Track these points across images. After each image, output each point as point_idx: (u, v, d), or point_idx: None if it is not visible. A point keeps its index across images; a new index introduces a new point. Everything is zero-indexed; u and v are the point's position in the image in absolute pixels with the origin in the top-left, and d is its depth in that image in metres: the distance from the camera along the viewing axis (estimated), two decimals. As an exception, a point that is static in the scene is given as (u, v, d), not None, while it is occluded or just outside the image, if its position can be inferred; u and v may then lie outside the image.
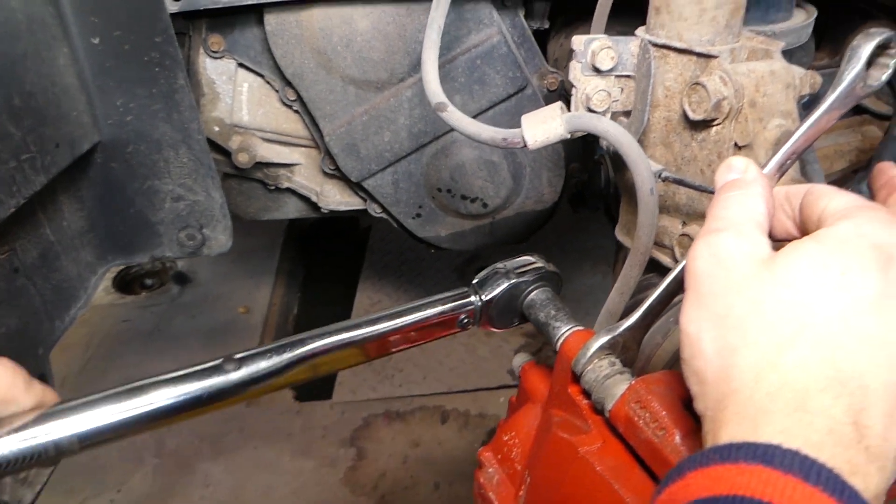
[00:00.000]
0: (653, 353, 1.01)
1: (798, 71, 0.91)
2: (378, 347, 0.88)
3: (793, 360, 0.47)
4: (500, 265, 0.92)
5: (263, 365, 0.82)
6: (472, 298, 0.90)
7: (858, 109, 1.73)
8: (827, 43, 1.68)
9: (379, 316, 0.88)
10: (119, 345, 2.76)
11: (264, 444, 2.26)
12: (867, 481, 0.43)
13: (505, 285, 0.89)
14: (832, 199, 0.56)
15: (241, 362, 0.81)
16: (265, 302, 2.87)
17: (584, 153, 1.53)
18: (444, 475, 2.11)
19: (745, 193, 0.58)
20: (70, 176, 1.25)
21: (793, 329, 0.48)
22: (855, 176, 1.61)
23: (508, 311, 0.91)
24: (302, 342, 0.84)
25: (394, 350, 0.90)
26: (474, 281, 0.92)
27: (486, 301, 0.89)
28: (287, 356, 0.83)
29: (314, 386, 2.54)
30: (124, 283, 3.15)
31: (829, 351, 0.47)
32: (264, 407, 2.43)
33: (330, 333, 0.86)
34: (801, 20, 1.21)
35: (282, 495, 2.08)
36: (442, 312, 0.89)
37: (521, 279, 0.90)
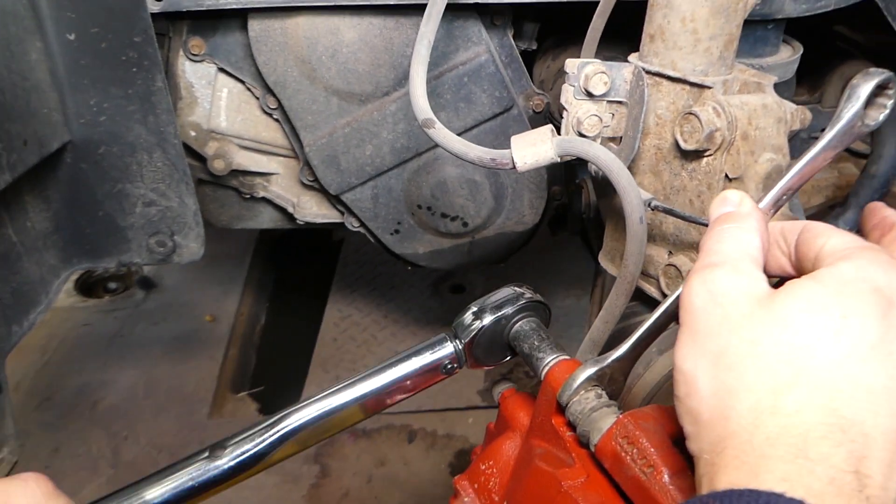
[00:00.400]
0: (633, 383, 0.99)
1: (790, 106, 0.91)
2: (363, 410, 0.90)
3: (792, 405, 0.46)
4: (476, 304, 0.91)
5: (250, 447, 0.84)
6: (450, 345, 0.90)
7: (836, 146, 1.74)
8: (805, 80, 1.69)
9: (357, 378, 0.90)
10: (78, 349, 2.68)
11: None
12: None
13: (481, 326, 0.88)
14: (830, 238, 0.55)
15: (230, 448, 0.84)
16: (232, 311, 2.81)
17: (566, 176, 1.52)
18: (409, 496, 2.07)
19: (739, 227, 0.57)
20: (37, 175, 1.20)
21: (791, 372, 0.47)
22: (832, 212, 1.62)
23: (494, 348, 0.89)
24: (283, 418, 0.87)
25: (379, 410, 0.92)
26: (454, 323, 0.91)
27: (467, 343, 0.89)
28: (272, 436, 0.85)
29: (278, 399, 2.48)
30: (87, 286, 3.07)
31: (828, 396, 0.46)
32: (226, 419, 2.37)
33: (311, 404, 0.88)
34: (788, 55, 1.21)
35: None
36: (422, 366, 0.89)
37: (499, 315, 0.88)
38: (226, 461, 0.83)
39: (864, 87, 0.62)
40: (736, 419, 0.47)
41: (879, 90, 0.63)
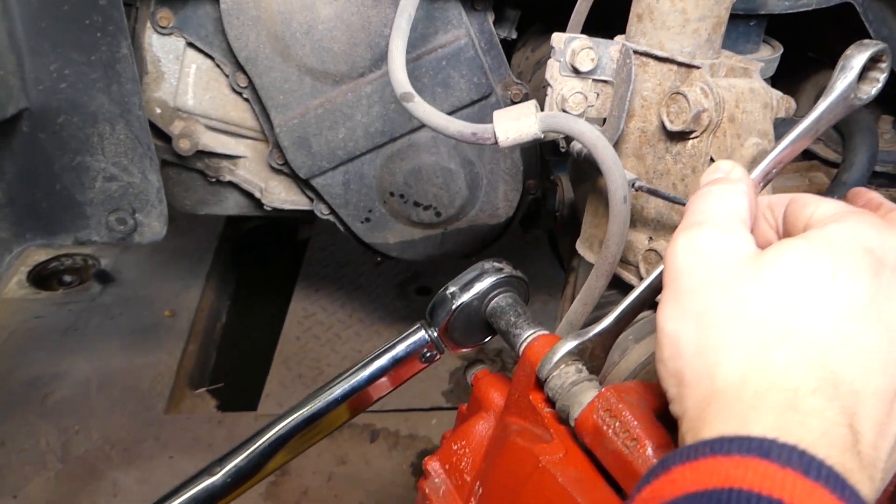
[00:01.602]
0: (608, 371, 0.97)
1: (776, 93, 0.90)
2: (347, 410, 0.91)
3: (781, 361, 0.45)
4: (446, 288, 0.89)
5: (243, 461, 0.88)
6: (424, 333, 0.89)
7: (807, 155, 1.75)
8: (780, 86, 1.70)
9: (336, 380, 0.91)
10: (29, 341, 2.58)
11: (182, 455, 2.12)
12: (860, 488, 0.41)
13: (452, 308, 0.86)
14: (819, 206, 0.54)
15: (223, 463, 0.88)
16: (193, 306, 2.73)
17: (540, 171, 1.50)
18: (369, 495, 2.02)
19: (727, 189, 0.55)
20: (-9, 142, 1.15)
21: (781, 329, 0.46)
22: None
23: (472, 328, 0.87)
24: (271, 427, 0.91)
25: (363, 408, 0.93)
26: (427, 308, 0.91)
27: (440, 329, 0.87)
28: (263, 446, 0.89)
29: (238, 396, 2.42)
30: (40, 278, 2.96)
31: (819, 353, 0.44)
32: (184, 415, 2.30)
33: (295, 409, 0.91)
34: (769, 54, 1.21)
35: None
36: (398, 357, 0.89)
37: (470, 295, 0.85)
38: (221, 477, 0.87)
39: (858, 57, 0.61)
40: (723, 377, 0.46)
41: (872, 63, 0.62)
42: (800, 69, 1.68)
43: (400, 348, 0.89)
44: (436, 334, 0.87)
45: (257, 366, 2.53)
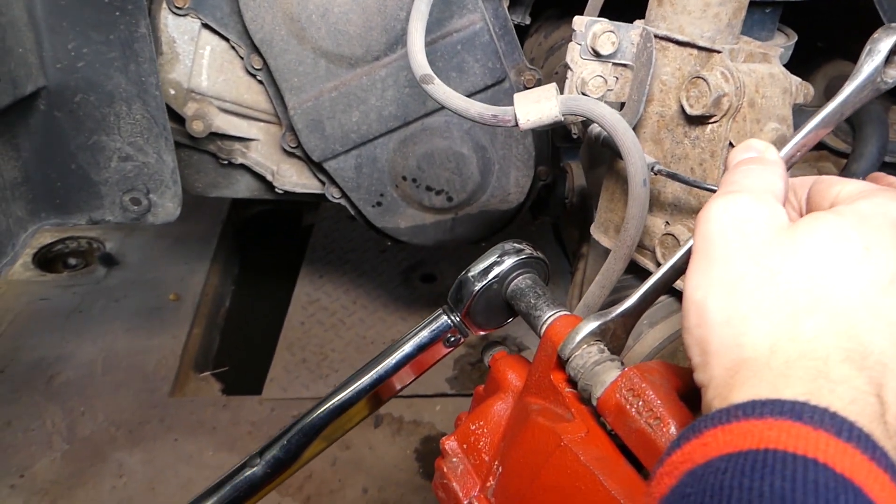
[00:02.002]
0: (622, 355, 0.97)
1: (795, 79, 0.90)
2: (376, 398, 0.93)
3: (811, 330, 0.45)
4: (468, 271, 0.89)
5: (280, 452, 0.92)
6: (446, 318, 0.90)
7: (817, 145, 1.76)
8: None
9: (363, 368, 0.92)
10: (35, 323, 2.59)
11: (186, 437, 2.13)
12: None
13: (472, 292, 0.86)
14: (846, 186, 0.54)
15: (263, 455, 0.92)
16: (197, 290, 2.74)
17: (552, 157, 1.50)
18: (372, 480, 2.03)
19: (764, 168, 0.56)
20: (7, 120, 1.15)
21: (811, 299, 0.46)
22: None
23: (493, 310, 0.87)
24: (306, 417, 0.93)
25: (391, 395, 0.97)
26: (449, 293, 0.91)
27: (462, 313, 0.88)
28: (299, 436, 0.92)
29: (242, 380, 2.43)
30: (46, 261, 2.96)
31: (848, 323, 0.45)
32: (188, 398, 2.31)
33: (326, 400, 0.93)
34: (783, 42, 1.21)
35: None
36: (423, 344, 0.90)
37: (490, 279, 0.86)
38: (261, 468, 0.91)
39: (886, 41, 0.61)
40: (751, 346, 0.46)
41: None
42: (810, 59, 1.68)
43: (424, 334, 0.90)
44: (458, 318, 0.88)
45: (261, 350, 2.54)
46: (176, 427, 2.17)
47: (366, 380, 0.91)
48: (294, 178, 1.52)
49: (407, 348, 0.90)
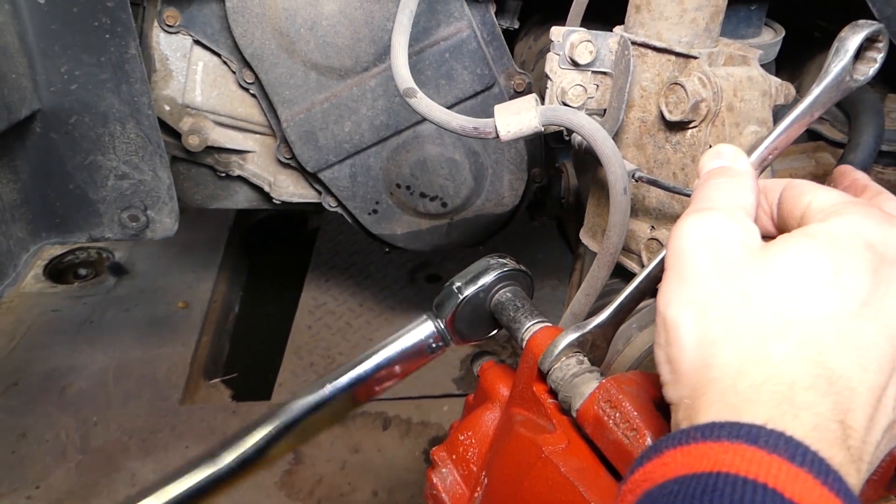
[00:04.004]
0: (613, 359, 0.98)
1: (774, 80, 0.90)
2: (354, 399, 0.92)
3: (779, 355, 0.45)
4: (452, 281, 0.90)
5: (249, 448, 0.89)
6: (431, 324, 0.90)
7: (813, 136, 1.75)
8: (784, 69, 1.70)
9: (343, 369, 0.91)
10: (47, 335, 2.62)
11: (197, 444, 2.16)
12: (849, 480, 0.42)
13: (458, 300, 0.87)
14: (817, 195, 0.54)
15: (228, 448, 0.90)
16: (206, 298, 2.77)
17: (545, 159, 1.51)
18: (382, 482, 2.05)
19: (734, 182, 0.56)
20: (5, 144, 1.17)
21: (781, 324, 0.46)
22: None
23: (478, 322, 0.88)
24: (278, 415, 0.91)
25: (372, 397, 0.94)
26: (434, 302, 0.92)
27: (447, 321, 0.88)
28: (269, 432, 0.90)
29: (252, 386, 2.45)
30: (56, 272, 3.00)
31: (816, 349, 0.45)
32: (199, 405, 2.34)
33: (302, 398, 0.91)
34: (770, 38, 1.21)
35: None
36: (405, 349, 0.90)
37: (477, 288, 0.87)
38: (227, 463, 0.88)
39: (853, 39, 0.60)
40: (719, 367, 0.46)
41: (869, 43, 0.62)
42: (805, 49, 1.67)
43: (407, 338, 0.90)
44: (442, 325, 0.89)
45: (270, 355, 2.56)
46: (187, 435, 2.20)
47: (345, 381, 0.90)
48: (291, 189, 1.53)
49: (388, 352, 0.90)
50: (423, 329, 0.90)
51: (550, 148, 1.53)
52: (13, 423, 2.23)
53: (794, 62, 1.69)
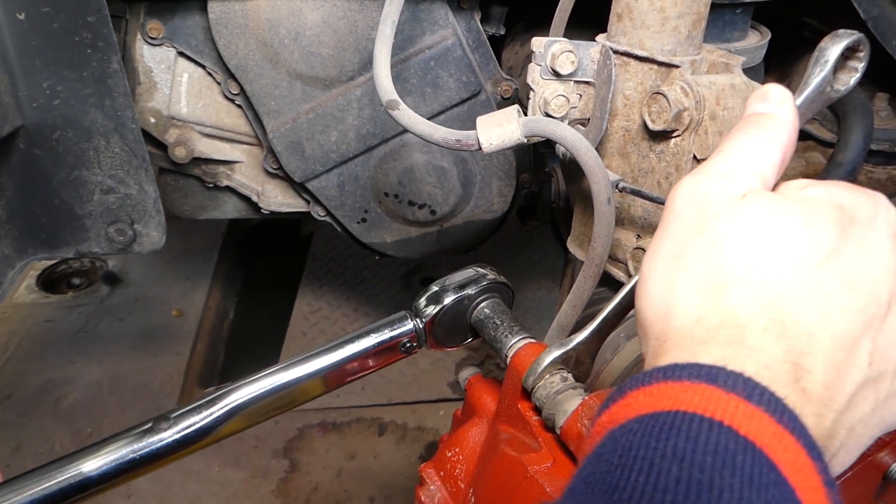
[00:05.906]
0: (601, 369, 0.98)
1: (757, 87, 0.90)
2: (320, 385, 0.86)
3: (736, 300, 0.46)
4: (438, 283, 0.88)
5: (196, 420, 0.81)
6: (410, 323, 0.86)
7: (803, 135, 1.75)
8: (774, 69, 1.70)
9: (313, 353, 0.86)
10: (41, 346, 2.61)
11: (192, 454, 2.15)
12: (805, 420, 0.43)
13: (444, 304, 0.85)
14: (800, 182, 0.55)
15: (174, 420, 0.80)
16: (200, 306, 2.76)
17: (534, 164, 1.50)
18: (379, 489, 2.04)
19: (762, 139, 0.54)
20: (-12, 161, 1.16)
21: (742, 271, 0.47)
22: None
23: (456, 329, 0.87)
24: (233, 391, 0.84)
25: (335, 386, 0.88)
26: (415, 302, 0.88)
27: (427, 322, 0.86)
28: (220, 410, 0.82)
29: (248, 394, 2.44)
30: (49, 282, 2.99)
31: (775, 296, 0.46)
32: (194, 415, 2.33)
33: (263, 377, 0.86)
34: (756, 41, 1.21)
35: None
36: (380, 342, 0.85)
37: (462, 294, 0.86)
38: (170, 434, 0.79)
39: (833, 49, 0.60)
40: (680, 316, 0.48)
41: (850, 52, 0.61)
42: (795, 49, 1.67)
43: (384, 333, 0.86)
44: (421, 325, 0.86)
45: (265, 362, 2.54)
46: (182, 444, 2.19)
47: (311, 366, 0.86)
48: (279, 198, 1.53)
49: (362, 343, 0.85)
50: (400, 327, 0.86)
51: (540, 153, 1.53)
52: (8, 435, 2.22)
53: (783, 62, 1.69)
